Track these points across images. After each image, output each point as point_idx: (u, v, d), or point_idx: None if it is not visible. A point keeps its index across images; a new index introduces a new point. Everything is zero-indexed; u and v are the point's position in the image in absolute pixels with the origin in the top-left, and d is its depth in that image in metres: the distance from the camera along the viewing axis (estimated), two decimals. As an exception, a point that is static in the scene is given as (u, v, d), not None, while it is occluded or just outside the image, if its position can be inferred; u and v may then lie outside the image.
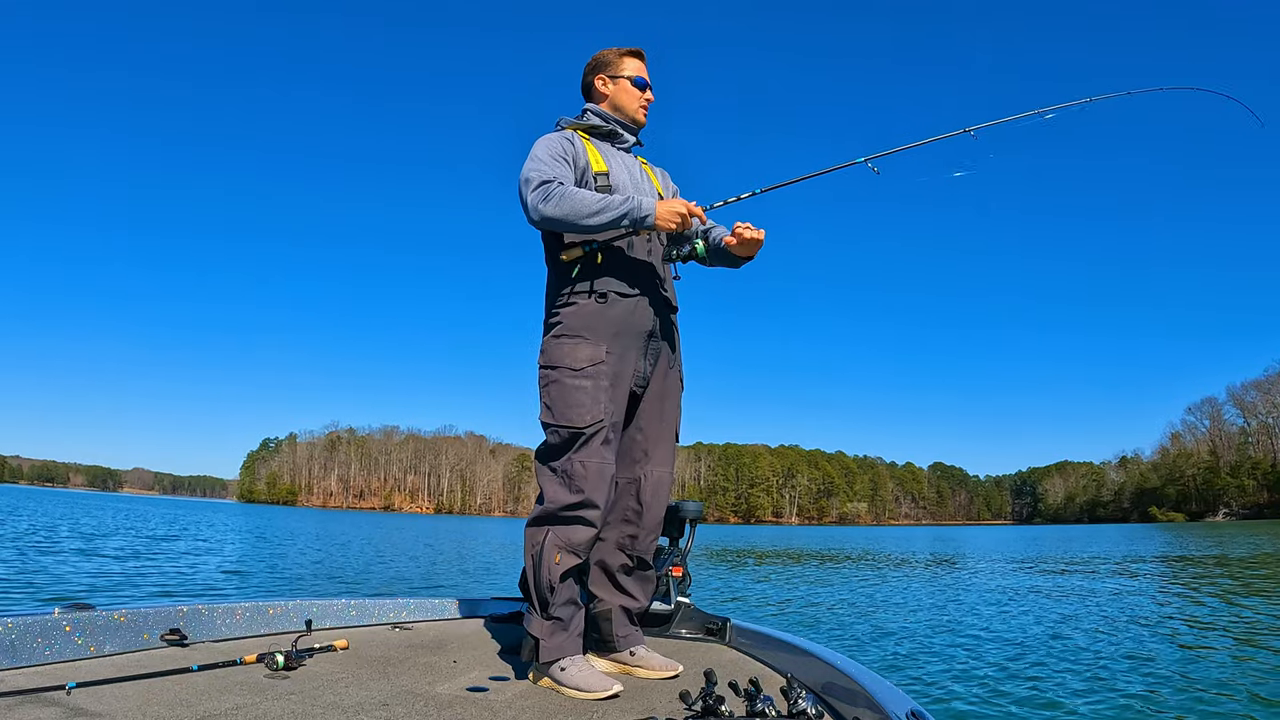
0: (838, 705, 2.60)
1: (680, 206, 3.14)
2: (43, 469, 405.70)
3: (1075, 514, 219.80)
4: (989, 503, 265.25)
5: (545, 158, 3.23)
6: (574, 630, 3.07)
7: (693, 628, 3.94)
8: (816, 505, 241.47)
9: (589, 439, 3.05)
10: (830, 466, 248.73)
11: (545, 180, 3.12)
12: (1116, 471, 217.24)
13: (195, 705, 2.42)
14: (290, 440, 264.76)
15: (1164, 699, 7.26)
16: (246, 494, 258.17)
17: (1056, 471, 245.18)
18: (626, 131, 3.51)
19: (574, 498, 3.02)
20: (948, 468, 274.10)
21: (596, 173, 3.30)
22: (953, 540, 60.86)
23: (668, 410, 3.39)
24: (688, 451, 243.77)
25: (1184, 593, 16.97)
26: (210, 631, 3.36)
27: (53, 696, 2.39)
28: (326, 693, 2.64)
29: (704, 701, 2.32)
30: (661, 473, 3.36)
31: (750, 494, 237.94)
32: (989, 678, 8.14)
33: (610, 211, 3.08)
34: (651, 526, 3.34)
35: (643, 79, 3.49)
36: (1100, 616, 12.91)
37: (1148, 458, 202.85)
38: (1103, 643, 10.23)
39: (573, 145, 3.31)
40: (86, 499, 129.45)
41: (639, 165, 3.54)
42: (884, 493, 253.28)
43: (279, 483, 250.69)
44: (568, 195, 3.09)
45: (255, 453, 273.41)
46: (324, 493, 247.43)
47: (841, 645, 9.95)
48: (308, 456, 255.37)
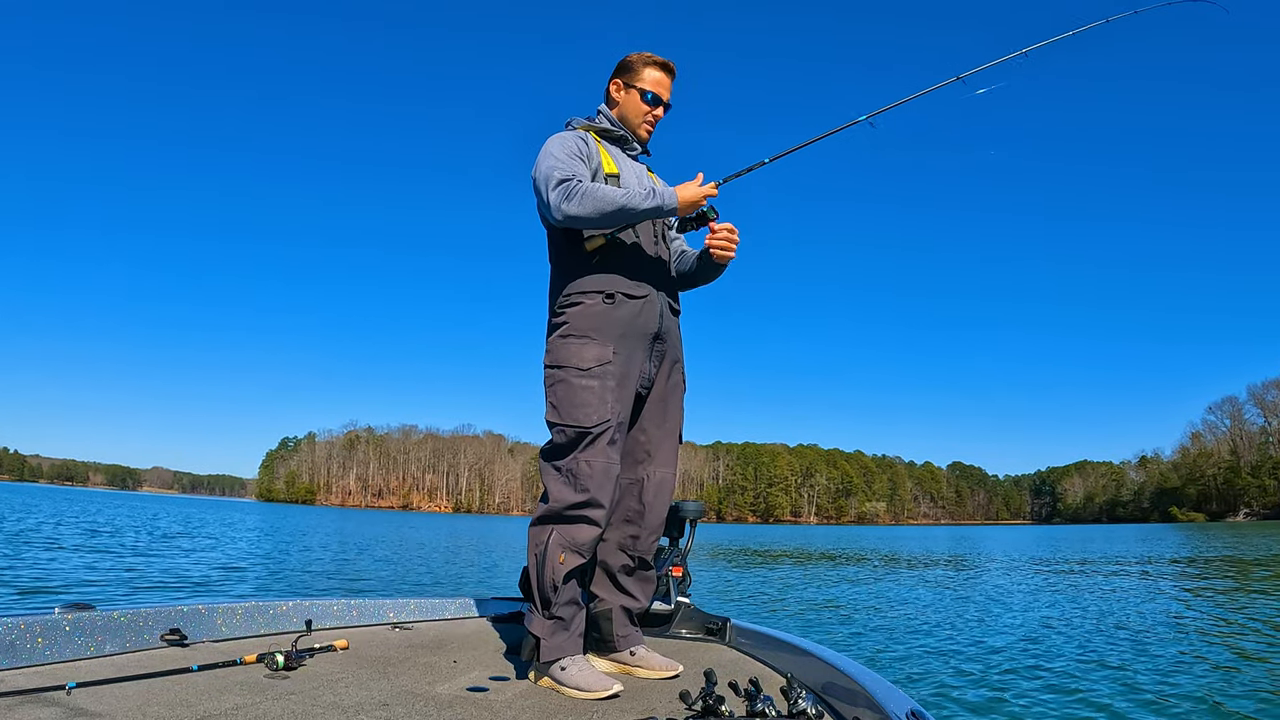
0: (838, 705, 2.59)
1: (699, 193, 3.18)
2: (63, 468, 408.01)
3: (1095, 514, 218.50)
4: (1008, 502, 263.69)
5: (562, 155, 3.21)
6: (575, 630, 3.07)
7: (693, 628, 3.94)
8: (835, 505, 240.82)
9: (595, 439, 3.05)
10: (849, 466, 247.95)
11: (565, 178, 3.10)
12: (1136, 471, 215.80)
13: (195, 705, 2.41)
14: (309, 439, 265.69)
15: (1165, 700, 7.19)
16: (265, 493, 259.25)
17: (1076, 471, 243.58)
18: (635, 139, 3.49)
19: (579, 497, 3.02)
20: (966, 467, 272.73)
21: (608, 175, 3.27)
22: (970, 540, 60.63)
23: (671, 412, 3.39)
24: (706, 451, 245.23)
25: (1199, 593, 16.81)
26: (210, 631, 3.36)
27: (53, 696, 2.38)
28: (326, 693, 2.64)
29: (704, 701, 2.31)
30: (664, 474, 3.35)
31: (769, 493, 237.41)
32: (992, 678, 8.12)
33: (637, 206, 3.09)
34: (653, 527, 3.34)
35: (655, 95, 3.41)
36: (1110, 617, 12.82)
37: (1168, 457, 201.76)
38: (1108, 643, 10.16)
39: (586, 145, 3.29)
40: (103, 497, 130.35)
41: (645, 173, 3.53)
42: (903, 492, 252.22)
43: (298, 482, 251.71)
44: (589, 192, 3.08)
45: (274, 452, 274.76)
46: (342, 492, 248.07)
47: (845, 645, 9.98)
48: (326, 455, 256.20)
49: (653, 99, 3.41)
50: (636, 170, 3.44)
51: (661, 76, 3.43)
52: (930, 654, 9.45)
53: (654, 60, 3.41)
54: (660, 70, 3.42)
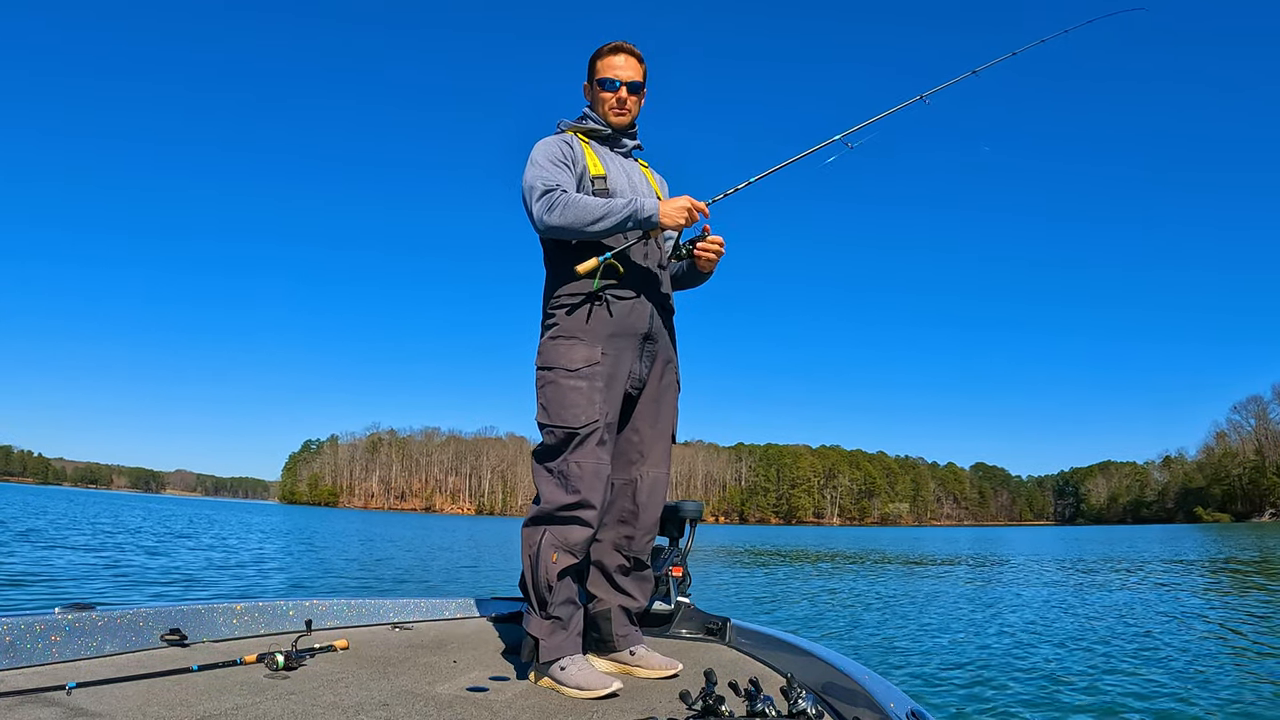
0: (838, 705, 2.59)
1: (684, 202, 3.15)
2: (86, 471, 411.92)
3: (1118, 514, 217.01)
4: (1031, 503, 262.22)
5: (545, 163, 3.22)
6: (573, 630, 3.08)
7: (693, 627, 3.96)
8: (858, 506, 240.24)
9: (584, 440, 3.07)
10: (872, 467, 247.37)
11: (548, 189, 3.13)
12: (1160, 471, 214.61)
13: (195, 705, 2.42)
14: (331, 442, 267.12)
15: (1167, 701, 7.20)
16: (288, 495, 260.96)
17: (1099, 471, 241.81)
18: (621, 135, 3.46)
19: (570, 498, 3.04)
20: (989, 468, 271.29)
21: (594, 176, 3.28)
22: (992, 541, 60.63)
23: (664, 412, 3.39)
24: (729, 452, 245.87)
25: (1224, 595, 16.78)
26: (210, 631, 3.37)
27: (53, 696, 2.40)
28: (326, 693, 2.65)
29: (704, 701, 2.32)
30: (657, 474, 3.35)
31: (791, 494, 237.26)
32: (994, 679, 8.12)
33: (615, 216, 3.09)
34: (647, 527, 3.33)
35: (610, 79, 3.37)
36: (1128, 620, 12.74)
37: (1192, 457, 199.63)
38: (1114, 643, 10.19)
39: (571, 148, 3.29)
40: (122, 499, 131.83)
41: (639, 169, 3.51)
42: (925, 493, 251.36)
43: (320, 484, 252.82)
44: (571, 203, 3.10)
45: (297, 454, 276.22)
46: (365, 494, 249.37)
47: (853, 646, 10.00)
48: (349, 458, 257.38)
49: (607, 83, 3.36)
50: (627, 168, 3.42)
51: (611, 59, 3.38)
52: (938, 655, 9.45)
53: (604, 48, 3.40)
54: (610, 54, 3.38)
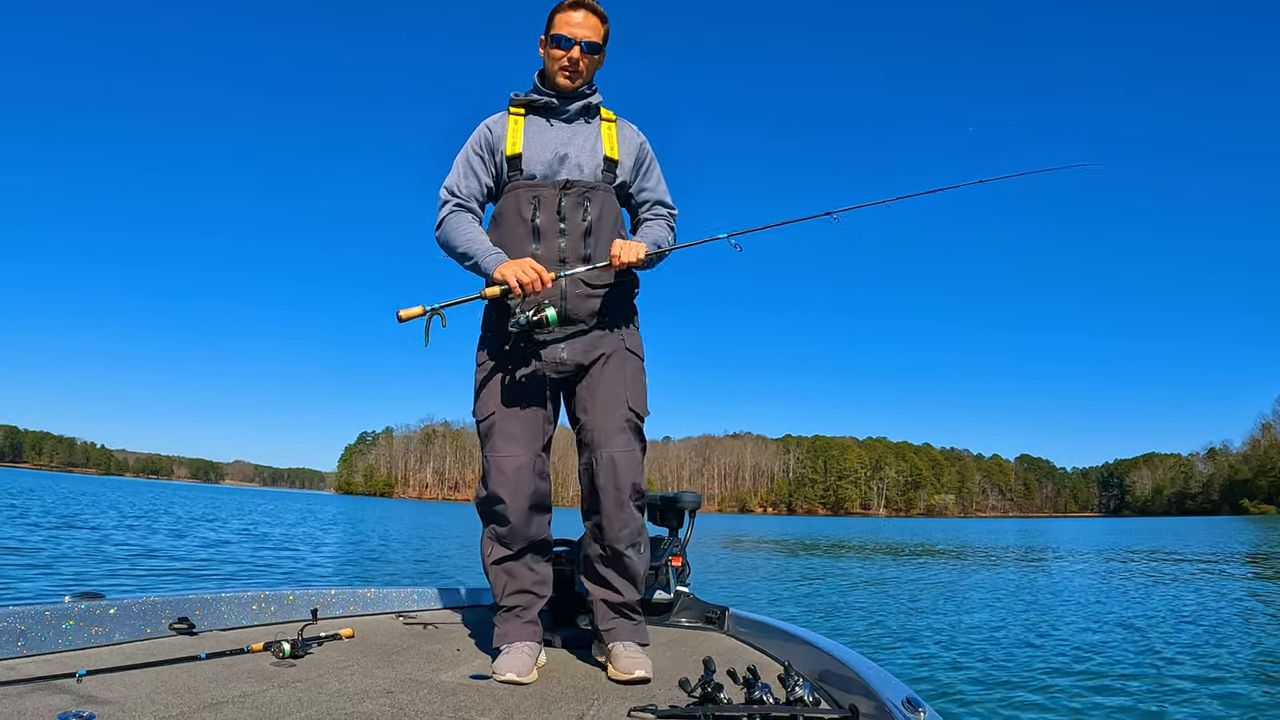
0: (834, 693, 2.60)
1: (524, 272, 2.86)
2: (148, 462, 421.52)
3: (1163, 506, 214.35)
4: (1076, 495, 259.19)
5: (459, 162, 3.16)
6: (525, 618, 3.04)
7: (692, 616, 3.98)
8: (904, 497, 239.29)
9: (489, 433, 3.04)
10: (917, 458, 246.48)
11: (444, 200, 3.11)
12: (1205, 463, 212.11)
13: (203, 693, 2.41)
14: (386, 434, 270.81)
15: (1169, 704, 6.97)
16: (344, 486, 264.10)
17: (1144, 463, 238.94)
18: (562, 100, 3.14)
19: (484, 491, 3.03)
20: (1034, 459, 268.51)
21: (510, 155, 3.09)
22: (1037, 533, 59.40)
23: (601, 392, 3.08)
24: (776, 444, 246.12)
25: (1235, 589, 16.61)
26: (218, 620, 3.39)
27: (63, 684, 2.40)
28: (332, 680, 2.65)
29: (702, 689, 2.31)
30: (610, 454, 3.01)
31: (839, 486, 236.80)
32: (994, 670, 8.10)
33: (470, 258, 3.02)
34: (612, 511, 3.02)
35: (565, 36, 3.04)
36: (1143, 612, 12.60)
37: (1237, 449, 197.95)
38: (1120, 644, 9.81)
39: (491, 133, 3.13)
40: (178, 489, 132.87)
41: (588, 132, 3.18)
42: (971, 485, 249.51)
43: (375, 475, 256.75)
44: (448, 225, 3.09)
45: (353, 446, 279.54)
46: (419, 485, 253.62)
47: (865, 642, 9.79)
48: (404, 449, 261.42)
49: (561, 39, 3.04)
50: (562, 138, 3.13)
51: (570, 14, 3.06)
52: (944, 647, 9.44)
53: (560, 4, 3.08)
54: (569, 8, 3.06)
